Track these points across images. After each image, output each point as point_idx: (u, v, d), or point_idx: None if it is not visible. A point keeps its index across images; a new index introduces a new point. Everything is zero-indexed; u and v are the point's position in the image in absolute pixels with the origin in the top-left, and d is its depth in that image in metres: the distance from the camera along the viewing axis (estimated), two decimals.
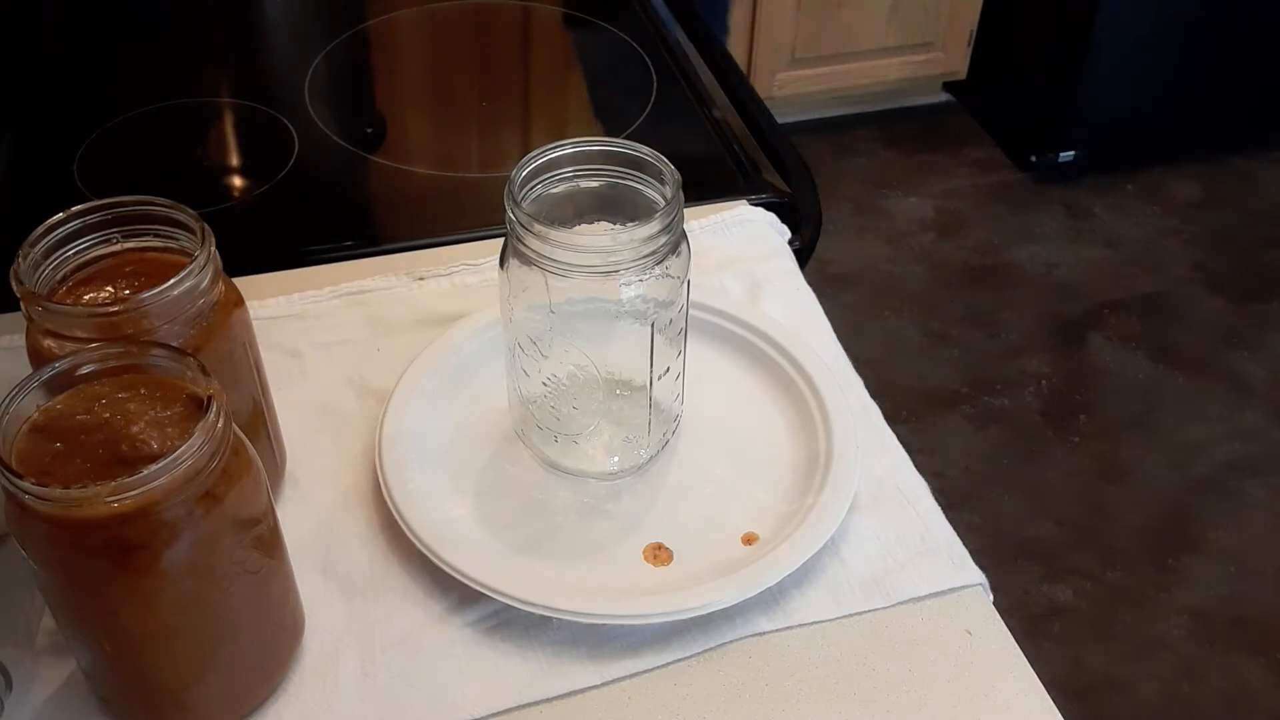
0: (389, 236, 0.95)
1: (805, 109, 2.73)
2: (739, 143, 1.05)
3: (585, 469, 0.73)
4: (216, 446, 0.53)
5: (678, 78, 1.15)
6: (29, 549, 0.53)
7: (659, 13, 1.24)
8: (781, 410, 0.78)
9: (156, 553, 0.52)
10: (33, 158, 1.06)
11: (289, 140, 1.05)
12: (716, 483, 0.74)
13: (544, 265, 0.64)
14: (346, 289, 0.87)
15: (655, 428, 0.73)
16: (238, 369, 0.66)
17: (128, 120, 1.07)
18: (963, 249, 2.44)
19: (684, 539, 0.71)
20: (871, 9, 2.56)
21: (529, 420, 0.73)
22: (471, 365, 0.79)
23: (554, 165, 0.67)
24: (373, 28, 1.24)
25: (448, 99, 1.17)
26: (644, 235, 0.63)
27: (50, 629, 0.64)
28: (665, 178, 0.66)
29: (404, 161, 1.04)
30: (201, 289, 0.61)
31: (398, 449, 0.72)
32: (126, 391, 0.55)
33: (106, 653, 0.58)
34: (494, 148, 1.12)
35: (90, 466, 0.52)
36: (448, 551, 0.66)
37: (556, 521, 0.72)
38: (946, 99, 2.88)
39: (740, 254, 0.91)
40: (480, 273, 0.89)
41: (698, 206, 0.94)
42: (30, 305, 0.59)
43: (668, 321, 0.69)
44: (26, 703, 0.62)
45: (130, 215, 0.64)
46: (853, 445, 0.73)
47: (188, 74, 1.15)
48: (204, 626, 0.56)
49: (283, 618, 0.63)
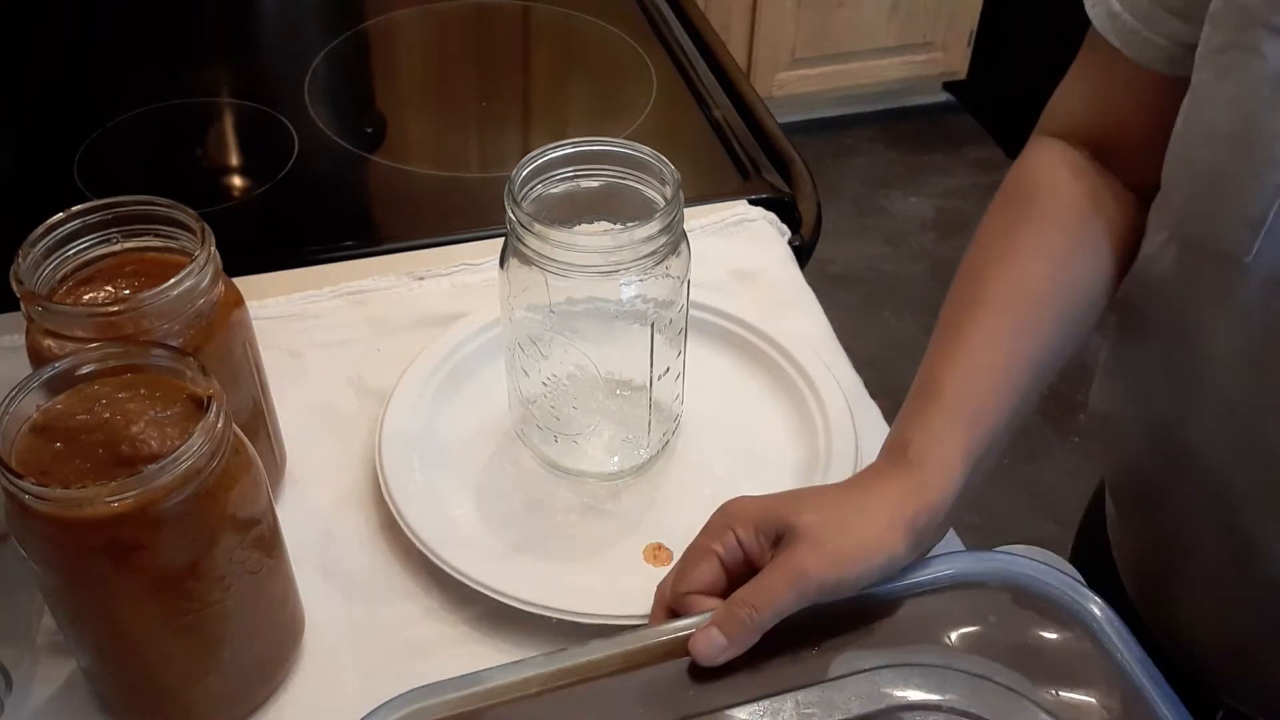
0: (389, 236, 0.95)
1: (805, 109, 2.73)
2: (739, 143, 1.05)
3: (585, 469, 0.73)
4: (216, 446, 0.53)
5: (678, 78, 1.15)
6: (29, 549, 0.53)
7: (659, 13, 1.24)
8: (781, 410, 0.78)
9: (156, 553, 0.53)
10: (33, 158, 1.06)
11: (289, 140, 1.05)
12: (716, 483, 0.74)
13: (544, 265, 0.64)
14: (346, 289, 0.87)
15: (655, 428, 0.73)
16: (238, 369, 0.66)
17: (128, 120, 1.07)
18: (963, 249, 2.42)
19: (684, 539, 0.70)
20: (871, 9, 2.56)
21: (529, 420, 0.73)
22: (471, 365, 0.79)
23: (554, 165, 0.67)
24: (373, 28, 1.24)
25: (448, 99, 1.17)
26: (644, 235, 0.63)
27: (50, 629, 0.64)
28: (665, 178, 0.66)
29: (404, 161, 1.04)
30: (201, 289, 0.61)
31: (398, 449, 0.72)
32: (126, 391, 0.55)
33: (106, 653, 0.58)
34: (494, 148, 1.12)
35: (90, 466, 0.52)
36: (447, 551, 0.66)
37: (556, 521, 0.72)
38: (946, 99, 2.88)
39: (740, 253, 0.91)
40: (480, 273, 0.89)
41: (698, 206, 0.94)
42: (30, 305, 0.59)
43: (668, 321, 0.69)
44: (26, 703, 0.62)
45: (130, 215, 0.64)
46: (852, 445, 0.73)
47: (188, 74, 1.15)
48: (204, 626, 0.56)
49: (283, 618, 0.63)
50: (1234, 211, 0.56)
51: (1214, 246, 0.58)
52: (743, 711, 0.53)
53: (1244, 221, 0.56)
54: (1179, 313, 0.62)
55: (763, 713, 0.53)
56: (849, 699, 0.54)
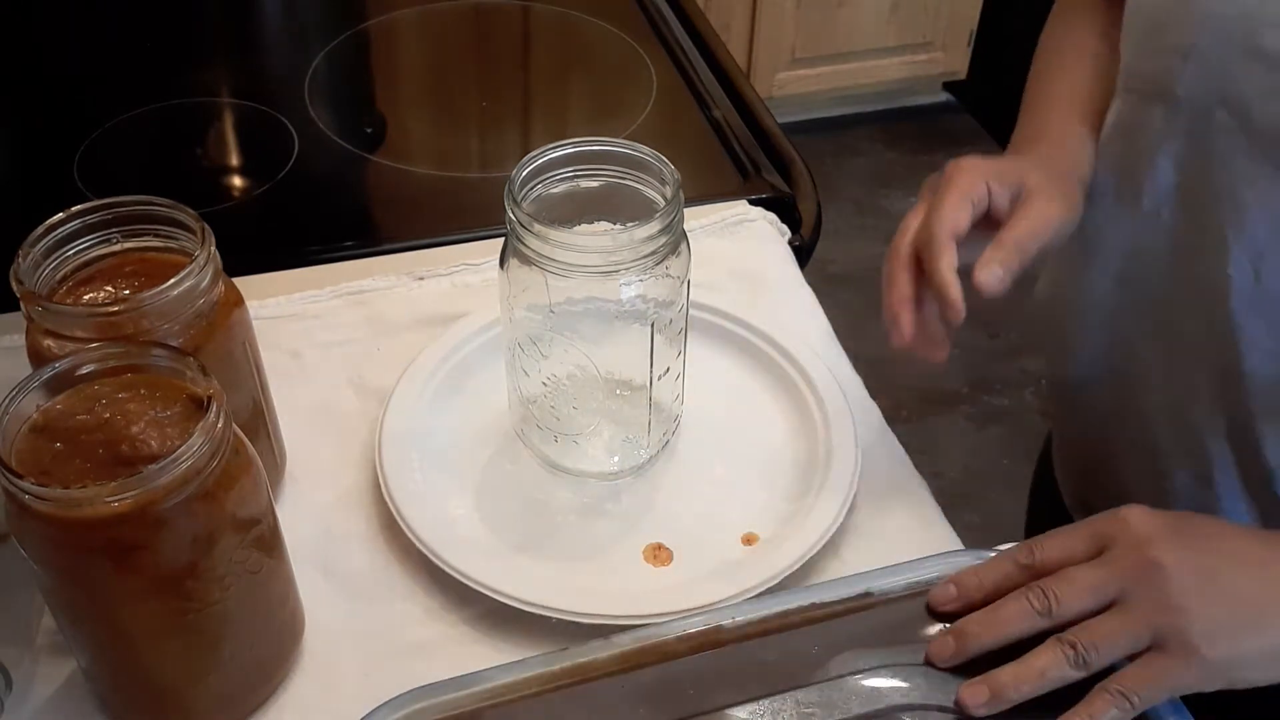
0: (389, 236, 0.95)
1: (805, 109, 2.73)
2: (739, 143, 1.05)
3: (585, 469, 0.73)
4: (216, 446, 0.53)
5: (678, 78, 1.15)
6: (29, 549, 0.53)
7: (659, 13, 1.24)
8: (781, 410, 0.78)
9: (157, 553, 0.53)
10: (33, 158, 1.06)
11: (289, 140, 1.05)
12: (716, 483, 0.74)
13: (544, 265, 0.64)
14: (346, 289, 0.87)
15: (655, 428, 0.73)
16: (238, 369, 0.66)
17: (128, 120, 1.07)
18: None
19: (684, 539, 0.71)
20: (871, 9, 2.56)
21: (529, 420, 0.73)
22: (471, 365, 0.79)
23: (554, 165, 0.67)
24: (373, 28, 1.24)
25: (448, 99, 1.17)
26: (644, 235, 0.63)
27: (50, 629, 0.64)
28: (665, 178, 0.66)
29: (404, 161, 1.04)
30: (201, 289, 0.61)
31: (398, 449, 0.72)
32: (126, 391, 0.55)
33: (106, 653, 0.58)
34: (494, 148, 1.12)
35: (90, 466, 0.52)
36: (447, 551, 0.66)
37: (556, 521, 0.72)
38: (946, 99, 2.88)
39: (740, 254, 0.91)
40: (480, 273, 0.89)
41: (698, 206, 0.94)
42: (30, 305, 0.59)
43: (668, 321, 0.69)
44: (26, 703, 0.62)
45: (130, 215, 0.64)
46: (852, 445, 0.73)
47: (188, 74, 1.15)
48: (204, 626, 0.56)
49: (283, 618, 0.63)
50: (1167, 44, 0.65)
51: (1153, 88, 0.67)
52: (743, 711, 0.53)
53: (1176, 51, 0.64)
54: (1128, 164, 0.69)
55: (763, 712, 0.53)
56: (849, 699, 0.54)
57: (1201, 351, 0.68)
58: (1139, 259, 0.71)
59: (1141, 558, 0.54)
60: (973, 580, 0.57)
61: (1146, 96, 0.68)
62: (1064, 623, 0.54)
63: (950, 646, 0.55)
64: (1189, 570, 0.54)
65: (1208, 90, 0.63)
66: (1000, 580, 0.57)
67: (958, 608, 0.57)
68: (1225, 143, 0.63)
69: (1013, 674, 0.53)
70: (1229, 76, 0.62)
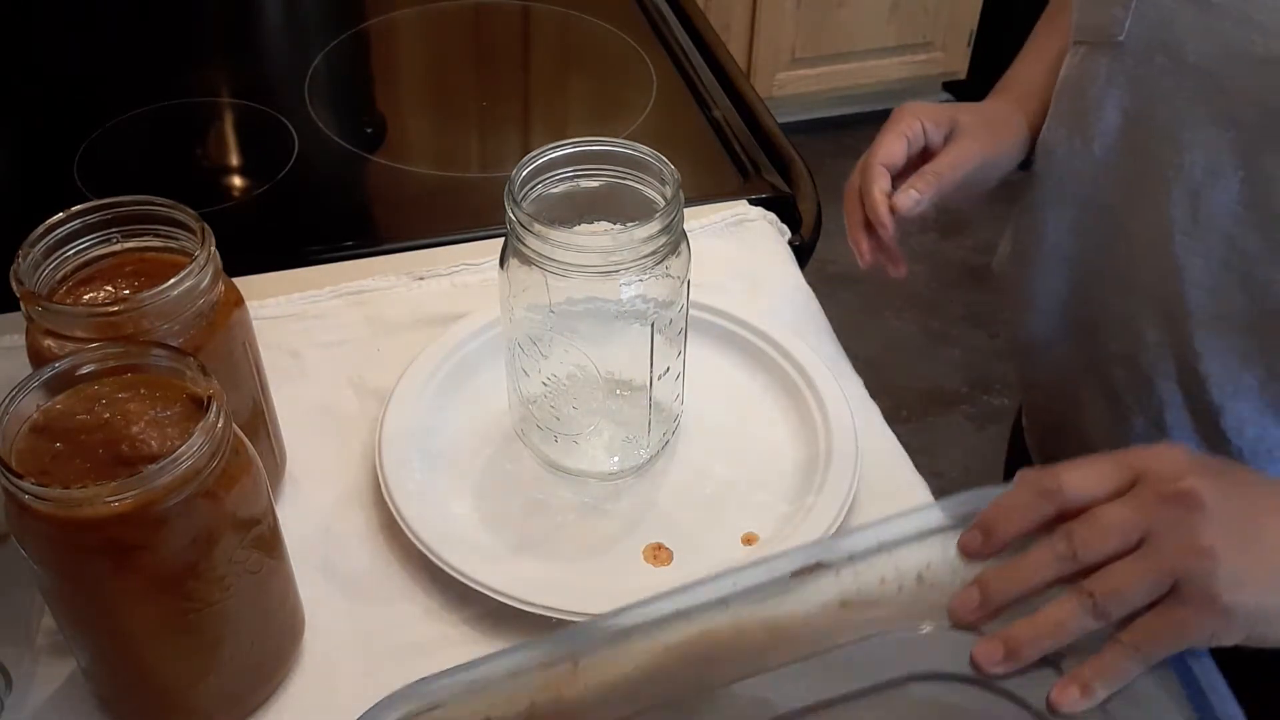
0: (389, 236, 0.95)
1: (805, 109, 2.73)
2: (739, 143, 1.05)
3: (585, 469, 0.73)
4: (216, 446, 0.53)
5: (678, 78, 1.15)
6: (29, 549, 0.53)
7: (659, 13, 1.24)
8: (781, 410, 0.78)
9: (157, 553, 0.53)
10: (33, 158, 1.06)
11: (289, 140, 1.05)
12: (716, 483, 0.74)
13: (544, 265, 0.64)
14: (346, 289, 0.87)
15: (655, 428, 0.73)
16: (238, 369, 0.66)
17: (128, 120, 1.07)
18: (963, 249, 2.44)
19: (684, 539, 0.71)
20: (871, 9, 2.56)
21: (529, 420, 0.73)
22: (471, 365, 0.79)
23: (554, 165, 0.67)
24: (373, 28, 1.24)
25: (448, 99, 1.17)
26: (644, 235, 0.63)
27: (50, 629, 0.64)
28: (665, 178, 0.66)
29: (404, 161, 1.04)
30: (201, 289, 0.61)
31: (398, 449, 0.72)
32: (126, 391, 0.55)
33: (106, 653, 0.58)
34: (494, 148, 1.12)
35: (90, 466, 0.52)
36: (447, 551, 0.66)
37: (556, 521, 0.72)
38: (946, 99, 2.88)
39: (740, 254, 0.91)
40: (480, 273, 0.89)
41: (698, 206, 0.94)
42: (30, 305, 0.59)
43: (668, 321, 0.69)
44: (26, 703, 0.62)
45: (130, 215, 0.64)
46: (853, 445, 0.73)
47: (188, 74, 1.15)
48: (204, 626, 0.56)
49: (283, 618, 0.63)
50: None
51: (1098, 37, 0.72)
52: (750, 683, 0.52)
53: (1118, 2, 0.69)
54: (1079, 114, 0.74)
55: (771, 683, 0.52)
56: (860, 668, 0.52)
57: (1151, 294, 0.72)
58: (1093, 207, 0.75)
59: (1176, 489, 0.51)
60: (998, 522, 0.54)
61: (1094, 48, 0.72)
62: (1088, 567, 0.52)
63: (975, 599, 0.53)
64: (1223, 512, 0.51)
65: (1149, 36, 0.68)
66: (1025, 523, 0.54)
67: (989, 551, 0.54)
68: (1164, 84, 0.68)
69: (1030, 629, 0.51)
70: (1166, 21, 0.67)
